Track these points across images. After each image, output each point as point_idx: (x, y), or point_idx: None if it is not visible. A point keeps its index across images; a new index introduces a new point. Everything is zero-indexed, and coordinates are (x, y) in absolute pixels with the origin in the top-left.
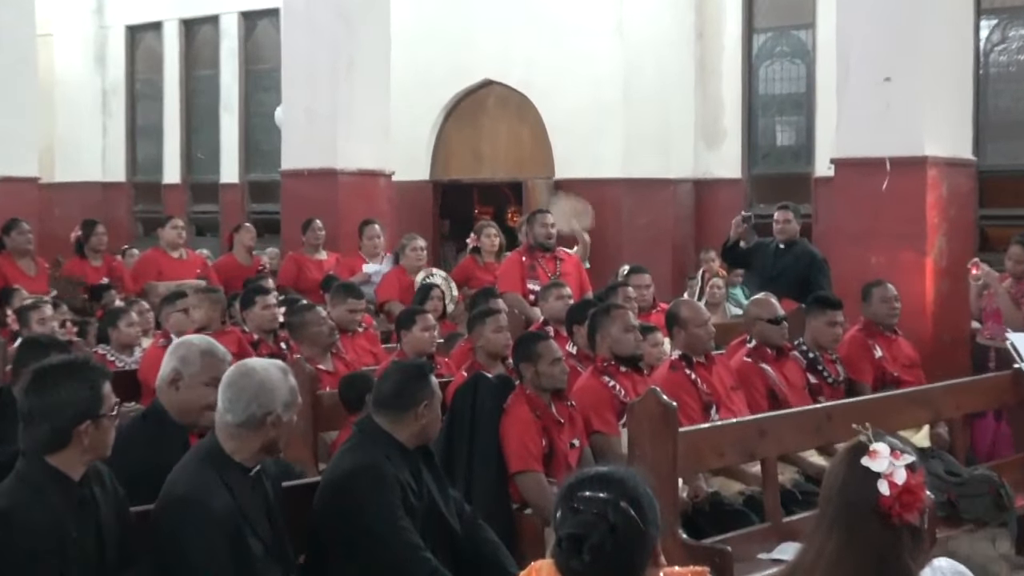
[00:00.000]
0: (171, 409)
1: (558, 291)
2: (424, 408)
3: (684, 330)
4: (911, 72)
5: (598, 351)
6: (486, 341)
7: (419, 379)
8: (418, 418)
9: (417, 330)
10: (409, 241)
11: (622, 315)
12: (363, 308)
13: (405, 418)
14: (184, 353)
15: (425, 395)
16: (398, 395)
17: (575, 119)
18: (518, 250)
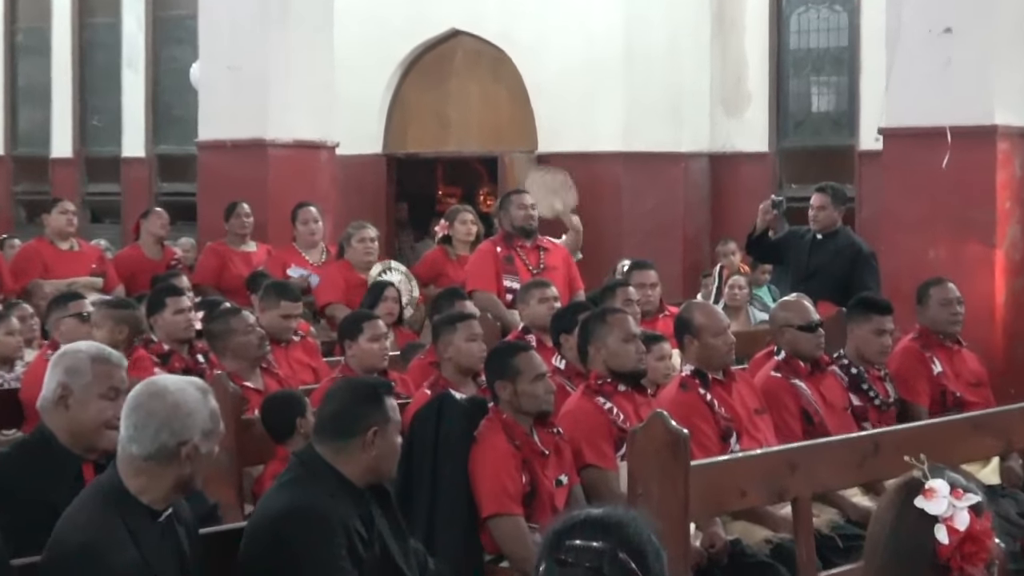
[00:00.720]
0: (60, 433)
1: (541, 291)
2: (376, 436)
3: (698, 340)
4: (977, 22)
5: (591, 366)
6: (454, 353)
7: (370, 400)
8: (369, 448)
9: (365, 340)
10: (357, 230)
11: (621, 321)
12: (299, 313)
13: (353, 448)
14: (70, 363)
15: (377, 420)
16: (344, 420)
17: (564, 80)
18: (492, 239)
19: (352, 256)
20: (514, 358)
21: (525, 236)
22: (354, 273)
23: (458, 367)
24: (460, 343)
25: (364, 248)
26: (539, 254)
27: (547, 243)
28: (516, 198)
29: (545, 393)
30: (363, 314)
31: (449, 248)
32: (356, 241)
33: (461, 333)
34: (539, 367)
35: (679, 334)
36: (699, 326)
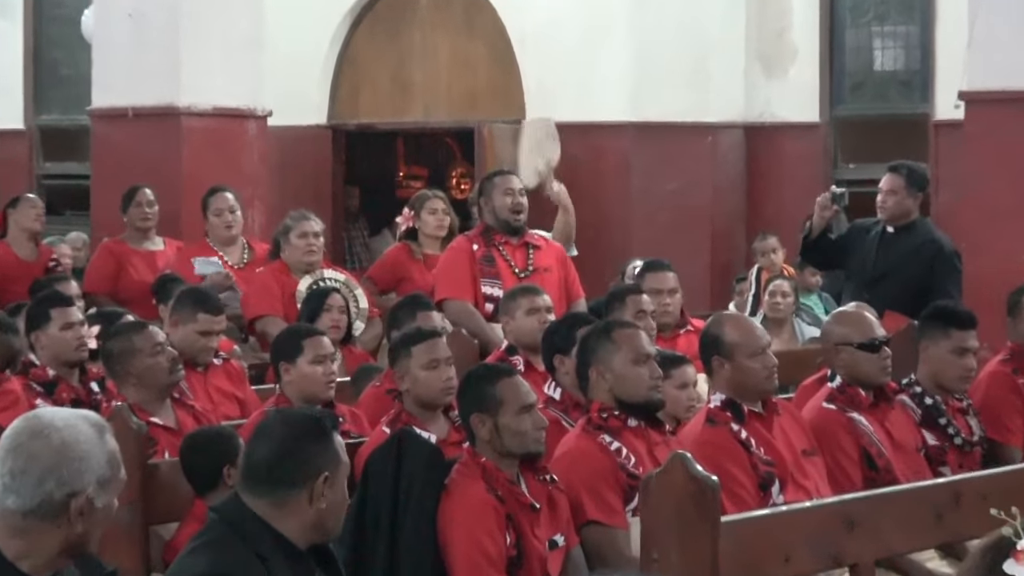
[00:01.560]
0: None
1: (531, 299)
2: (321, 485)
3: (730, 361)
4: None
5: (594, 395)
6: (412, 383)
7: (316, 439)
8: (312, 501)
9: (306, 362)
10: (296, 223)
11: (631, 338)
12: (222, 328)
13: (291, 501)
14: None
15: (322, 465)
16: (284, 466)
17: (557, 31)
18: (467, 235)
19: (290, 256)
20: (495, 386)
21: (510, 232)
22: (291, 278)
23: (419, 399)
24: (420, 370)
25: (305, 245)
26: (527, 252)
27: (538, 239)
28: (501, 181)
29: (534, 429)
30: (303, 329)
31: (414, 245)
32: (295, 237)
33: (422, 356)
34: (526, 397)
35: (706, 354)
36: (731, 344)
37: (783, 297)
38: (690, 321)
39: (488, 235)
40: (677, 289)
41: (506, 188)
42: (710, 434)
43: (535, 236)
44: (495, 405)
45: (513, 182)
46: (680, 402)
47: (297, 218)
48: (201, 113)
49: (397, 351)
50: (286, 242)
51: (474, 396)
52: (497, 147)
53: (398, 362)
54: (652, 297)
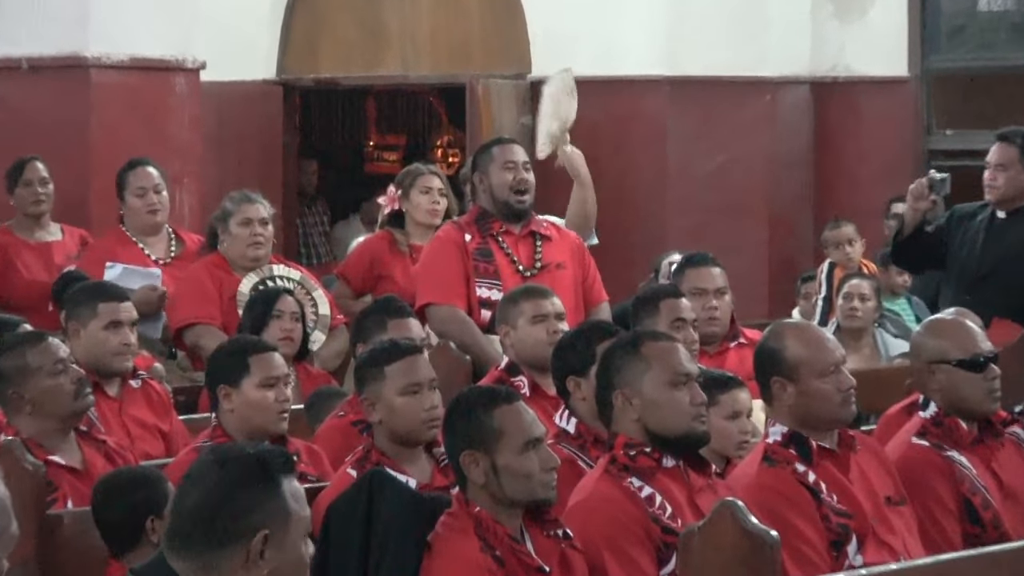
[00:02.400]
0: None
1: (537, 304)
2: (259, 545)
3: (794, 383)
4: None
5: (618, 427)
6: (387, 413)
7: (251, 487)
8: (255, 563)
9: (253, 384)
10: (238, 207)
11: (667, 354)
12: (132, 317)
13: (223, 565)
14: None
15: (270, 518)
16: (216, 519)
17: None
18: (457, 222)
19: (230, 248)
20: (492, 415)
21: (513, 216)
22: (232, 276)
23: (396, 433)
24: (395, 396)
25: (249, 235)
26: (534, 244)
27: (548, 227)
28: (500, 153)
29: (542, 471)
30: (248, 342)
31: (399, 234)
32: (237, 224)
33: (398, 378)
34: (532, 429)
35: (763, 374)
36: (795, 361)
37: (862, 301)
38: (742, 332)
39: (484, 222)
40: (726, 290)
41: (506, 161)
42: (768, 477)
43: (544, 223)
44: (492, 440)
45: (515, 153)
46: (730, 436)
47: (239, 200)
48: (115, 65)
49: (366, 372)
50: (225, 231)
51: (465, 429)
52: (494, 109)
53: (368, 386)
54: (694, 301)
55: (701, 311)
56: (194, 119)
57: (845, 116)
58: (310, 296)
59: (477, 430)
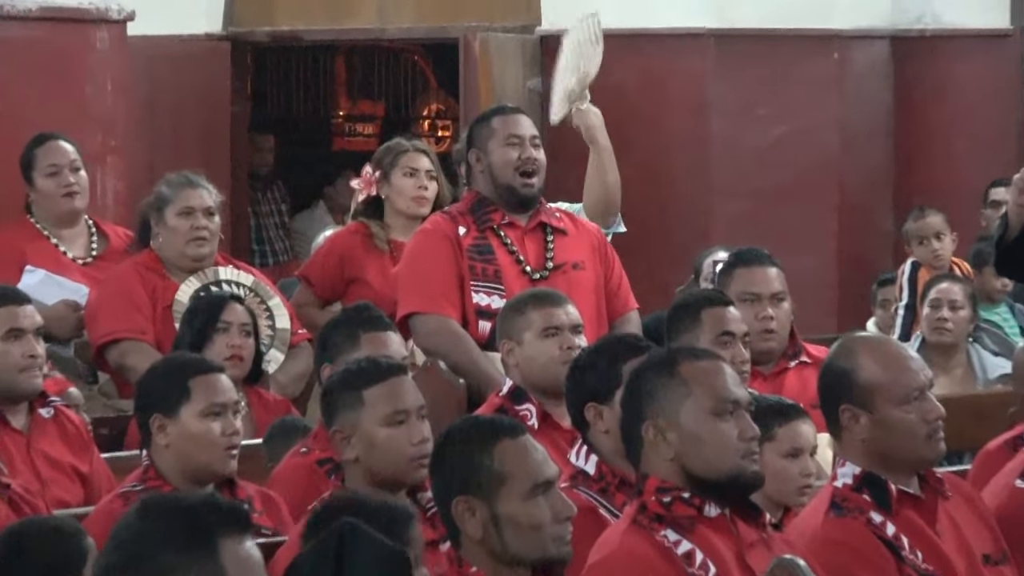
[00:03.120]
0: None
1: (547, 313)
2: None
3: (868, 412)
4: None
5: (650, 467)
6: (370, 445)
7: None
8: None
9: (192, 415)
10: (176, 192)
11: (709, 376)
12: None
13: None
14: None
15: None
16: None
17: None
18: (449, 211)
19: (168, 245)
20: (491, 452)
21: (519, 203)
22: (168, 280)
23: (373, 474)
24: (376, 427)
25: (191, 229)
26: (545, 239)
27: (562, 217)
28: (502, 124)
29: (555, 522)
30: (187, 362)
31: (376, 227)
32: (175, 214)
33: (379, 406)
34: (541, 470)
35: (830, 402)
36: (871, 385)
37: (952, 310)
38: (805, 348)
39: (482, 211)
40: (785, 296)
41: (509, 135)
42: (837, 528)
43: (557, 212)
44: (492, 484)
45: (521, 125)
46: (789, 478)
47: (177, 185)
48: (20, 16)
49: (338, 398)
50: (160, 223)
51: (459, 470)
52: (494, 70)
53: (340, 415)
54: (745, 309)
55: (754, 322)
56: (120, 83)
57: (933, 79)
58: (265, 305)
59: (473, 471)
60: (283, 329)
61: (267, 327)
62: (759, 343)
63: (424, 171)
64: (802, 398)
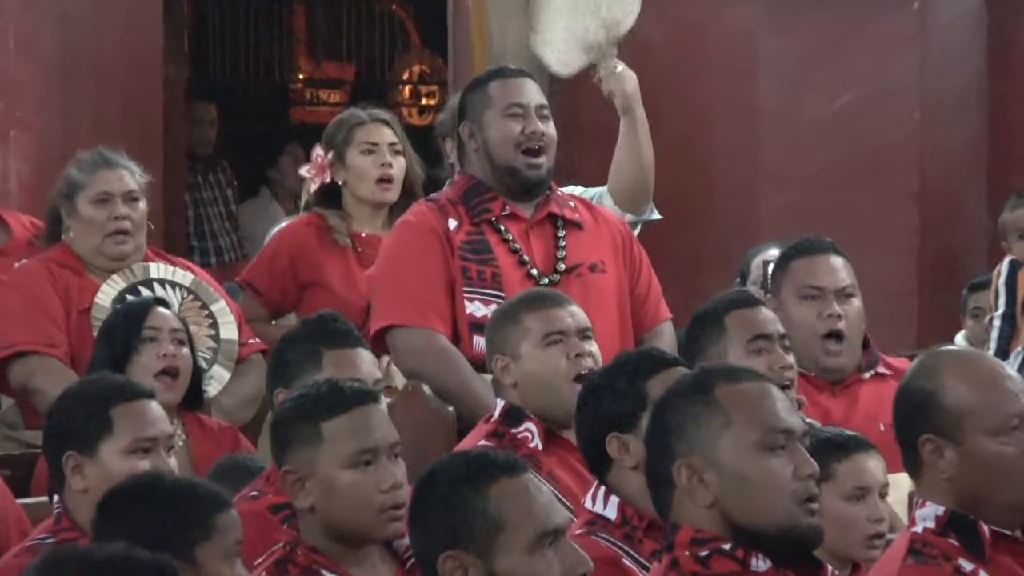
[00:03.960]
0: None
1: (547, 316)
2: None
3: (954, 444)
4: None
5: (681, 515)
6: (332, 490)
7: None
8: None
9: (115, 452)
10: (89, 173)
11: (753, 400)
12: None
13: None
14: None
15: None
16: None
17: None
18: (434, 199)
19: (82, 239)
20: (485, 495)
21: (522, 189)
22: (86, 279)
23: (333, 527)
24: (336, 471)
25: (109, 219)
26: (555, 234)
27: (576, 206)
28: (501, 91)
29: None
30: (108, 385)
31: (334, 218)
32: (90, 202)
33: (341, 443)
34: (547, 515)
35: (909, 430)
36: (960, 411)
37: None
38: (882, 359)
39: (477, 199)
40: (855, 291)
41: (511, 104)
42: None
43: (570, 200)
44: (488, 534)
45: (526, 91)
46: (854, 525)
47: (90, 166)
48: None
49: (291, 431)
50: (71, 213)
51: (446, 518)
52: (490, 24)
53: (293, 453)
54: (806, 308)
55: (817, 322)
56: (24, 40)
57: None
58: (206, 311)
59: (464, 520)
60: (228, 340)
61: (209, 337)
62: (822, 355)
63: (386, 145)
64: (879, 417)
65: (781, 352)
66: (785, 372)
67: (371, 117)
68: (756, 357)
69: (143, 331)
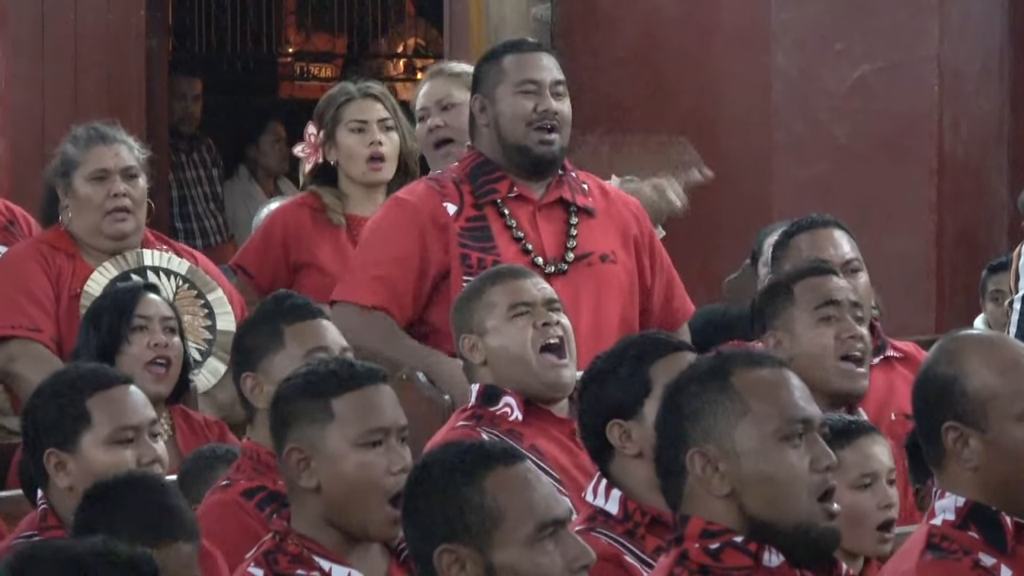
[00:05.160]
0: None
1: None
2: None
3: (978, 431)
4: None
5: (692, 506)
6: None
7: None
8: None
9: (96, 444)
10: (85, 149)
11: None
12: None
13: None
14: None
15: None
16: None
17: None
18: (435, 178)
19: (79, 220)
20: (481, 487)
21: (533, 168)
22: (81, 262)
23: (335, 509)
24: (348, 450)
25: (107, 197)
26: (567, 219)
27: (590, 190)
28: (516, 65)
29: (567, 573)
30: (83, 376)
31: (328, 196)
32: (85, 180)
33: (350, 424)
34: (546, 506)
35: (930, 417)
36: (983, 396)
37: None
38: (890, 343)
39: (483, 178)
40: (861, 266)
41: (525, 80)
42: (936, 572)
43: (584, 182)
44: (485, 526)
45: (542, 66)
46: (863, 515)
47: (86, 142)
48: None
49: (295, 408)
50: (69, 191)
51: (441, 511)
52: None
53: (295, 430)
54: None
55: None
56: None
57: None
58: (203, 301)
59: (460, 512)
60: (225, 332)
61: (204, 328)
62: None
63: (376, 122)
64: (890, 403)
65: (852, 321)
66: (855, 343)
67: (361, 92)
68: (825, 325)
69: (133, 319)
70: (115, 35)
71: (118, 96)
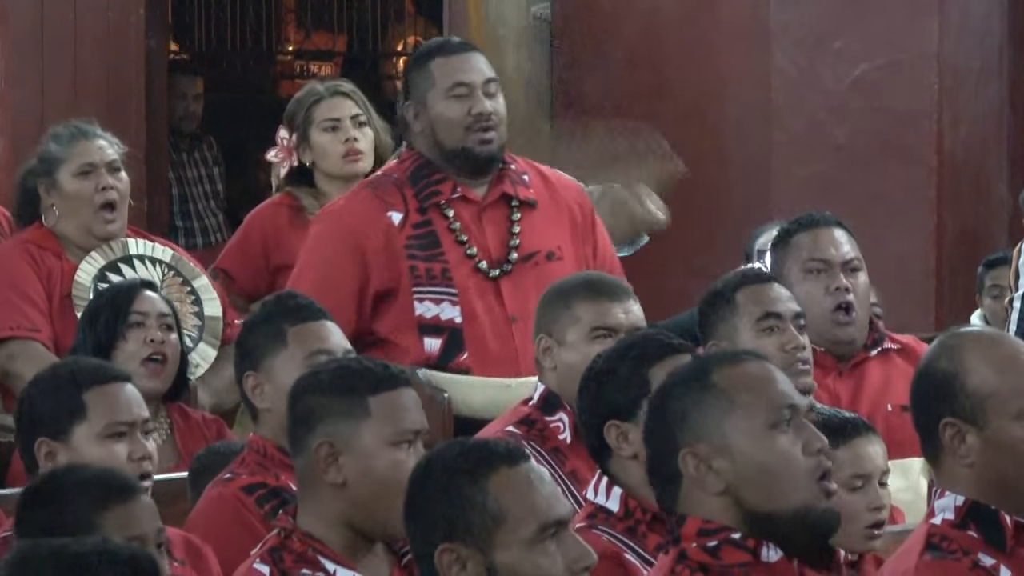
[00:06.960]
0: None
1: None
2: None
3: (977, 428)
4: None
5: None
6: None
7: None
8: None
9: (89, 437)
10: (68, 146)
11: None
12: None
13: None
14: None
15: None
16: None
17: None
18: (375, 181)
19: (67, 218)
20: (484, 487)
21: (474, 166)
22: (68, 261)
23: (360, 507)
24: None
25: (96, 191)
26: (509, 217)
27: (531, 181)
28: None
29: (569, 573)
30: (81, 369)
31: (306, 198)
32: (72, 176)
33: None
34: (549, 507)
35: (927, 415)
36: (982, 393)
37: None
38: (889, 335)
39: (425, 180)
40: (861, 265)
41: (455, 84)
42: (934, 572)
43: (524, 173)
44: (487, 526)
45: (470, 67)
46: (854, 516)
47: (68, 139)
48: None
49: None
50: (54, 188)
51: (443, 510)
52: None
53: (328, 424)
54: (812, 283)
55: (825, 296)
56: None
57: None
58: (189, 288)
59: (462, 512)
60: (213, 317)
61: (193, 314)
62: (833, 327)
63: (349, 119)
64: (886, 395)
65: (794, 332)
66: (798, 353)
67: (329, 91)
68: (766, 337)
69: (130, 316)
70: (115, 34)
71: (117, 95)
